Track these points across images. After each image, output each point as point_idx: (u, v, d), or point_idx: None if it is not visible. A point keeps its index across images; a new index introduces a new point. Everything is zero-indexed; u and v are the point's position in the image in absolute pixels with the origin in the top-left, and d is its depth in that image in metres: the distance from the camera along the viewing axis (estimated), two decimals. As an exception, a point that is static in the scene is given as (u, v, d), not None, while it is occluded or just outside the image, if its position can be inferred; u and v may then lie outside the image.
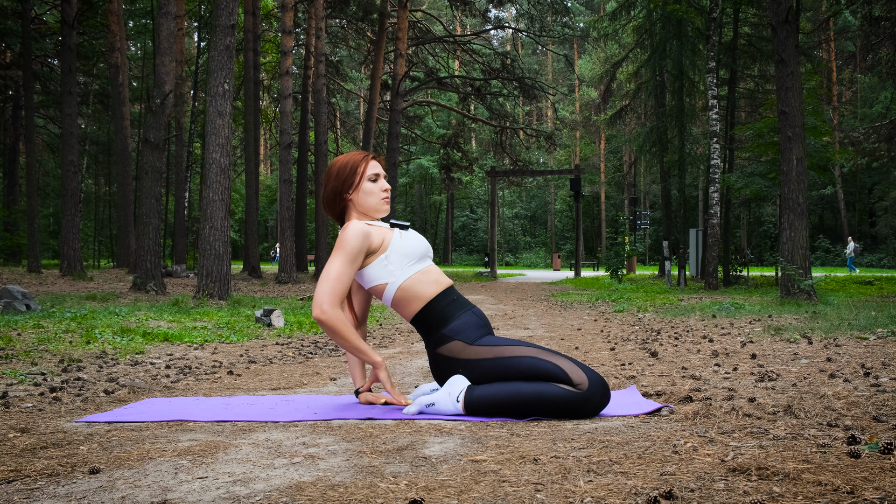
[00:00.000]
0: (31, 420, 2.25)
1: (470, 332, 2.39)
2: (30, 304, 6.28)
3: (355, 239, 2.40)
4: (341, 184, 2.52)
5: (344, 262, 2.39)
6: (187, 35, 30.51)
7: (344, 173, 2.52)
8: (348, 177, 2.52)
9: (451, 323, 2.41)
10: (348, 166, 2.53)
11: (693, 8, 15.97)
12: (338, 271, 2.38)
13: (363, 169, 2.53)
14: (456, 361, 2.38)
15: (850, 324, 5.03)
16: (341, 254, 2.39)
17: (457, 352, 2.38)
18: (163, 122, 10.10)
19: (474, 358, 2.35)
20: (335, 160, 2.58)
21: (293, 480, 1.56)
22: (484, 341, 2.37)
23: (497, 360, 2.32)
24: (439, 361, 2.42)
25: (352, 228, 2.42)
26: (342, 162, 2.55)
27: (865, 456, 1.63)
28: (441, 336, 2.41)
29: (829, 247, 35.64)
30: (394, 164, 19.94)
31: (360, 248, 2.41)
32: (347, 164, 2.53)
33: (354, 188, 2.52)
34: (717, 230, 12.76)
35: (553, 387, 2.23)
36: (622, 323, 6.45)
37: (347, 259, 2.39)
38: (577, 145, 47.65)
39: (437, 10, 36.57)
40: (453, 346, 2.38)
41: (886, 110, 26.11)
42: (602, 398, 2.23)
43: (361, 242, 2.41)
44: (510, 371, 2.31)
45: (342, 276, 2.38)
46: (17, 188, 24.84)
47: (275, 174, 45.28)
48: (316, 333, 5.55)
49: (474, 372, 2.35)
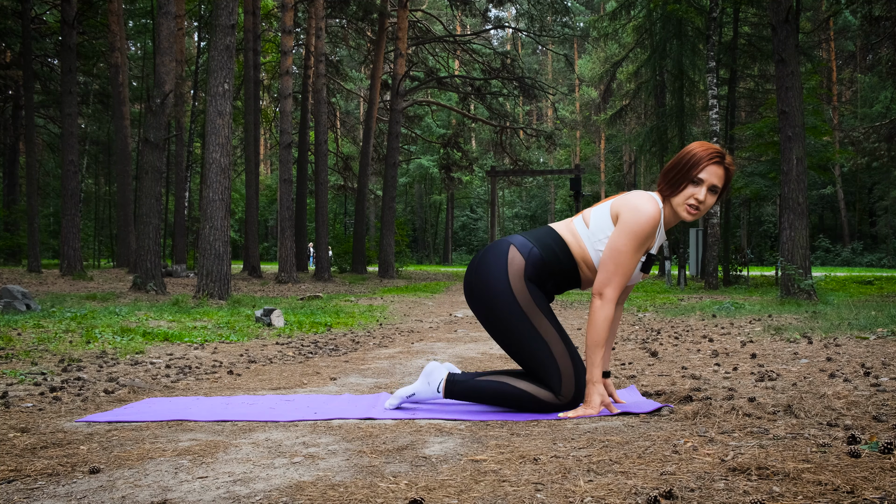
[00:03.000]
0: (32, 420, 2.25)
1: (536, 274, 2.32)
2: (30, 304, 6.28)
3: (651, 226, 2.25)
4: (674, 175, 2.30)
5: (635, 252, 2.25)
6: (187, 35, 30.49)
7: (681, 167, 2.30)
8: (683, 174, 2.29)
9: (545, 262, 2.33)
10: (689, 161, 2.29)
11: (693, 8, 15.97)
12: (629, 262, 2.24)
13: (698, 173, 2.28)
14: (502, 273, 2.31)
15: (850, 323, 5.03)
16: (636, 241, 2.24)
17: (513, 267, 2.31)
18: (163, 122, 10.10)
19: (514, 289, 2.29)
20: (693, 144, 2.33)
21: (293, 480, 1.56)
22: (532, 291, 2.31)
23: (522, 317, 2.28)
24: (498, 253, 2.35)
25: (651, 211, 2.24)
26: (687, 151, 2.32)
27: (865, 456, 1.63)
28: (530, 248, 2.34)
29: (829, 246, 35.63)
30: (394, 163, 19.94)
31: (650, 236, 2.27)
32: (689, 157, 2.29)
33: (678, 192, 2.29)
34: (717, 230, 12.76)
35: (535, 397, 2.28)
36: (622, 322, 6.45)
37: (638, 247, 2.25)
38: (577, 145, 47.64)
39: (437, 9, 36.55)
40: (518, 259, 2.32)
41: (886, 110, 26.10)
42: (576, 402, 2.31)
43: (653, 230, 2.26)
44: (523, 346, 2.29)
45: (631, 267, 2.25)
46: (17, 188, 24.83)
47: (275, 174, 45.26)
48: (316, 333, 5.55)
49: (497, 306, 2.29)
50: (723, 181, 2.30)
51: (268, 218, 48.32)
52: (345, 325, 6.25)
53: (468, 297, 2.43)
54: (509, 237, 2.40)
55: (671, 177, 2.31)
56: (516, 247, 2.35)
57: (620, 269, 2.25)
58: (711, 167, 2.27)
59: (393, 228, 19.78)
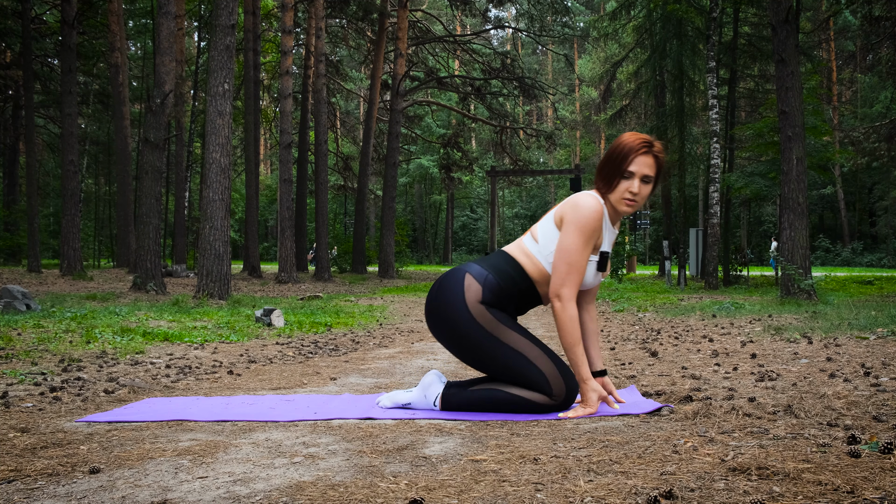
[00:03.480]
0: (32, 420, 2.25)
1: (492, 298, 2.32)
2: (30, 304, 6.28)
3: (596, 221, 2.25)
4: (606, 173, 2.32)
5: (583, 247, 2.24)
6: (187, 35, 30.49)
7: (611, 163, 2.31)
8: (614, 169, 2.30)
9: (501, 285, 2.32)
10: (618, 157, 2.30)
11: (693, 8, 15.97)
12: (580, 259, 2.23)
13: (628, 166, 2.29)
14: (460, 301, 2.29)
15: (850, 323, 5.03)
16: (582, 236, 2.24)
17: (470, 294, 2.30)
18: (163, 122, 10.10)
19: (474, 316, 2.28)
20: (620, 137, 2.34)
21: (293, 480, 1.56)
22: (493, 312, 2.31)
23: (491, 337, 2.27)
24: (453, 282, 2.33)
25: (593, 206, 2.26)
26: (615, 147, 2.33)
27: (865, 455, 1.63)
28: (484, 274, 2.33)
29: (829, 246, 35.63)
30: (394, 163, 19.94)
31: (597, 230, 2.27)
32: (618, 153, 2.30)
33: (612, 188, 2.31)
34: (717, 230, 12.76)
35: (529, 400, 2.28)
36: (622, 322, 6.45)
37: (586, 242, 2.25)
38: (577, 145, 47.66)
39: (437, 9, 36.56)
40: (473, 286, 2.31)
41: (886, 110, 26.10)
42: (569, 402, 2.31)
43: (599, 224, 2.27)
44: (499, 363, 2.29)
45: (583, 264, 2.25)
46: (17, 188, 24.83)
47: (275, 174, 45.26)
48: (316, 333, 5.55)
49: (463, 335, 2.29)
50: (654, 170, 2.31)
51: (268, 218, 48.32)
52: (345, 325, 6.25)
53: (431, 328, 2.42)
54: (465, 265, 2.39)
55: (605, 174, 2.33)
56: (472, 275, 2.34)
57: (573, 267, 2.25)
58: (640, 158, 2.28)
59: (393, 228, 19.79)
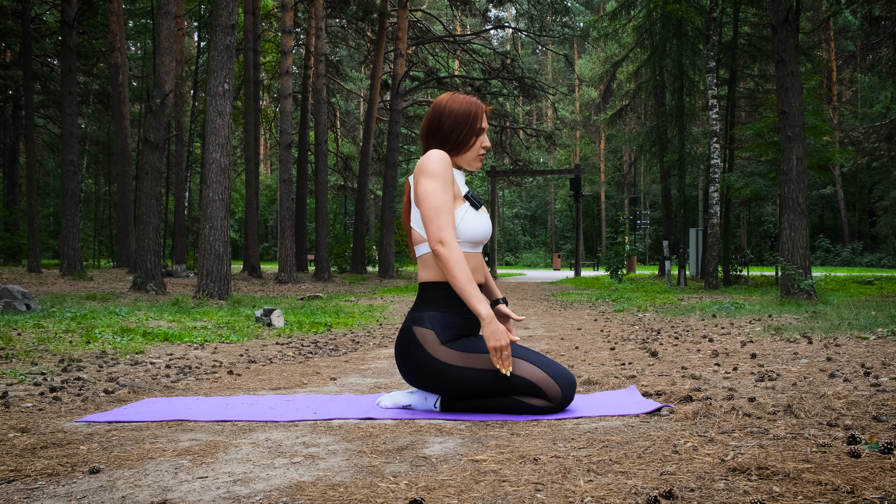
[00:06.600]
0: (31, 420, 2.25)
1: (448, 332, 2.28)
2: (30, 304, 6.28)
3: (445, 165, 2.28)
4: (460, 134, 2.36)
5: (442, 188, 2.25)
6: (187, 35, 30.50)
7: (466, 124, 2.36)
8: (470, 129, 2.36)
9: (443, 312, 2.29)
10: (470, 117, 2.37)
11: (693, 8, 15.97)
12: (443, 199, 2.24)
13: (480, 124, 2.39)
14: (423, 354, 2.25)
15: (850, 323, 5.03)
16: (437, 180, 2.25)
17: (428, 343, 2.26)
18: (163, 122, 10.10)
19: (444, 360, 2.25)
20: (454, 100, 2.39)
21: (293, 480, 1.56)
22: (457, 345, 2.27)
23: (468, 370, 2.25)
24: (408, 341, 2.29)
25: (439, 154, 2.30)
26: (463, 109, 2.37)
27: (865, 456, 1.63)
28: (424, 316, 2.29)
29: (829, 246, 35.63)
30: (394, 163, 19.94)
31: (450, 176, 2.30)
32: (470, 113, 2.37)
33: (468, 147, 2.38)
34: (717, 230, 12.76)
35: (530, 405, 2.27)
36: (622, 322, 6.45)
37: (443, 184, 2.26)
38: (577, 145, 47.66)
39: (437, 9, 36.54)
40: (427, 334, 2.27)
41: (886, 110, 26.09)
42: (568, 401, 2.30)
43: (450, 170, 2.30)
44: (482, 383, 2.26)
45: (448, 203, 2.25)
46: (17, 188, 24.83)
47: (275, 174, 45.26)
48: (316, 333, 5.55)
49: (443, 378, 2.26)
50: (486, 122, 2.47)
51: (268, 218, 48.33)
52: (345, 325, 6.25)
53: (418, 387, 2.38)
54: (405, 322, 2.35)
55: (461, 137, 2.37)
56: (417, 325, 2.30)
57: (440, 210, 2.23)
58: (483, 113, 2.43)
59: (393, 228, 19.79)
